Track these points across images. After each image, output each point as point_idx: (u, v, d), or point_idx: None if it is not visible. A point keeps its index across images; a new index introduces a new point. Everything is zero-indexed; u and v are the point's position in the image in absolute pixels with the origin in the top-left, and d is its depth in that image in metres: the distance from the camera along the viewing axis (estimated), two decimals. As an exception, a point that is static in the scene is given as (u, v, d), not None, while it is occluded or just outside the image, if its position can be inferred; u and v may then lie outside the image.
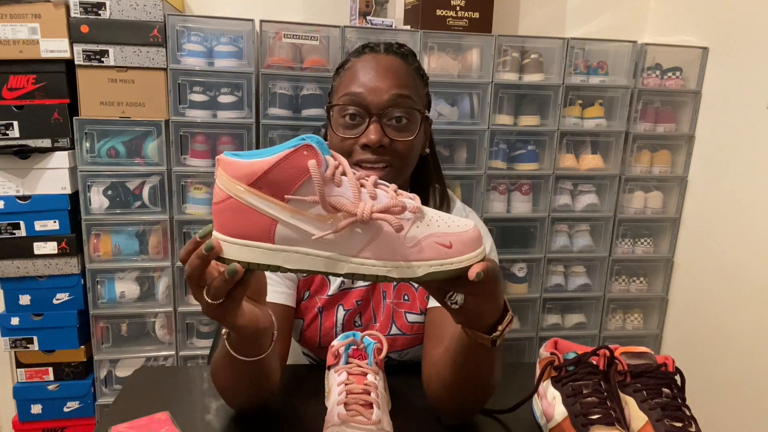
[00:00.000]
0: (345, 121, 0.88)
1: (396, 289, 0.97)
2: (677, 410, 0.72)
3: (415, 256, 0.54)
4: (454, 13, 1.75)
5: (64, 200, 1.63)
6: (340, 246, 0.54)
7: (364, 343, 0.80)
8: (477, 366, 0.71)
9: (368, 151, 0.86)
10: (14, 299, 1.67)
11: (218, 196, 0.54)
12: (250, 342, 0.67)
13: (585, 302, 2.02)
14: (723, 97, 1.81)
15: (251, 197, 0.53)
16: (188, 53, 1.62)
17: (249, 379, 0.74)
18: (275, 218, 0.53)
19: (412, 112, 0.88)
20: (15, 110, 1.58)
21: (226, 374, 0.75)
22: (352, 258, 0.54)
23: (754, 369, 1.64)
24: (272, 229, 0.53)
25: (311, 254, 0.54)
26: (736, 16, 1.74)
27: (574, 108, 1.85)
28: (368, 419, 0.68)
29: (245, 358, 0.68)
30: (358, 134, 0.87)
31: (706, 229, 1.86)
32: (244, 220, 0.53)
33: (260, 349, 0.68)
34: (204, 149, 1.69)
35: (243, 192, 0.53)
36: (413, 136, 0.88)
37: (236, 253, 0.54)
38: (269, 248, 0.54)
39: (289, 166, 0.52)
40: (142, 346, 1.79)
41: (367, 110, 0.86)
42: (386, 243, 0.54)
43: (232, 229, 0.54)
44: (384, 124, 0.86)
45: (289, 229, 0.53)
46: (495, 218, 1.88)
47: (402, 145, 0.87)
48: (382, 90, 0.86)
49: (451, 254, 0.54)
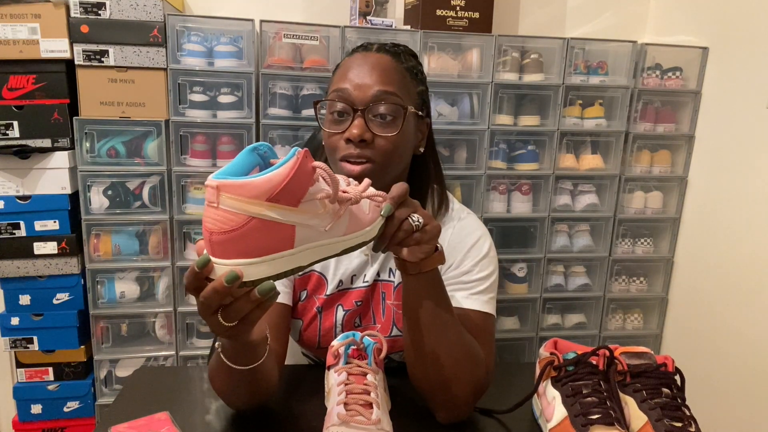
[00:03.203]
0: (332, 117, 0.89)
1: (396, 290, 0.97)
2: (677, 410, 0.72)
3: (371, 221, 0.66)
4: (454, 13, 1.75)
5: (64, 200, 1.63)
6: (335, 231, 0.61)
7: (363, 343, 0.80)
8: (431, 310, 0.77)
9: (351, 145, 0.86)
10: (14, 299, 1.67)
11: (233, 222, 0.52)
12: (248, 352, 0.68)
13: (585, 302, 2.02)
14: (723, 97, 1.81)
15: (273, 212, 0.53)
16: (188, 53, 1.62)
17: (245, 385, 0.75)
18: (293, 224, 0.55)
19: (397, 108, 0.87)
20: (15, 110, 1.58)
21: (222, 382, 0.76)
22: (343, 237, 0.62)
23: (754, 369, 1.64)
24: (293, 235, 0.55)
25: (319, 245, 0.59)
26: (736, 16, 1.74)
27: (574, 108, 1.85)
28: (368, 419, 0.68)
29: (242, 367, 0.68)
30: (343, 129, 0.87)
31: (706, 229, 1.86)
32: (269, 235, 0.54)
33: (256, 357, 0.69)
34: (204, 149, 1.69)
35: (265, 208, 0.52)
36: (397, 132, 0.87)
37: (266, 271, 0.54)
38: (291, 254, 0.56)
39: (301, 173, 0.54)
40: (142, 346, 1.79)
41: (352, 106, 0.86)
42: (357, 218, 0.64)
43: (255, 249, 0.53)
44: (368, 120, 0.86)
45: (304, 230, 0.57)
46: (495, 218, 1.88)
47: (385, 141, 0.86)
48: (367, 86, 0.86)
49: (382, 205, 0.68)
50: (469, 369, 0.79)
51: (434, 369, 0.78)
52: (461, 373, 0.78)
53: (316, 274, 0.96)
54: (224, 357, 0.68)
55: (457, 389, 0.79)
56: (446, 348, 0.77)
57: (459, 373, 0.78)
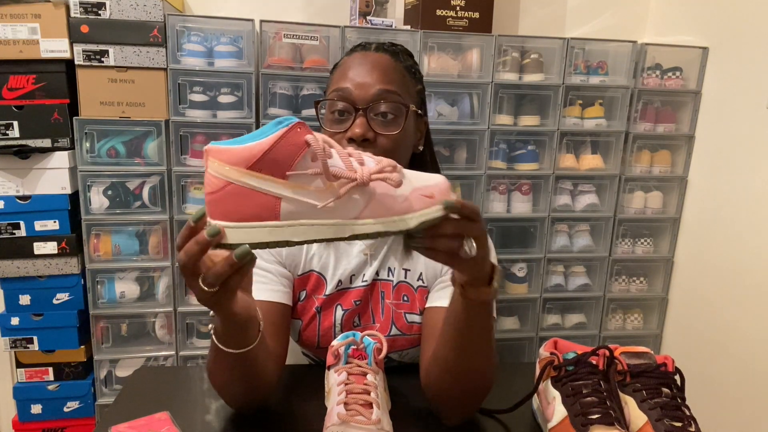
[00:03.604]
0: (333, 117, 0.89)
1: (395, 289, 0.97)
2: (677, 410, 0.72)
3: (407, 210, 0.58)
4: (454, 13, 1.75)
5: (64, 200, 1.63)
6: (341, 212, 0.56)
7: (363, 343, 0.80)
8: (474, 335, 0.73)
9: (353, 145, 0.86)
10: (14, 299, 1.67)
11: (213, 185, 0.54)
12: (239, 331, 0.68)
13: (585, 302, 2.02)
14: (723, 97, 1.81)
15: (252, 180, 0.53)
16: (188, 53, 1.62)
17: (240, 375, 0.75)
18: (279, 196, 0.54)
19: (399, 107, 0.88)
20: (15, 110, 1.58)
21: (218, 372, 0.76)
22: (353, 221, 0.56)
23: (754, 369, 1.64)
24: (277, 207, 0.54)
25: (316, 224, 0.56)
26: (736, 16, 1.74)
27: (574, 108, 1.85)
28: (368, 419, 0.68)
29: (233, 350, 0.68)
30: (345, 129, 0.87)
31: (706, 229, 1.86)
32: (247, 202, 0.54)
33: (247, 340, 0.69)
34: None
35: (243, 175, 0.53)
36: (399, 130, 0.88)
37: (244, 236, 0.54)
38: (276, 225, 0.54)
39: (287, 143, 0.54)
40: (142, 346, 1.79)
41: (354, 105, 0.87)
42: (381, 203, 0.57)
43: (235, 214, 0.54)
44: (370, 119, 0.87)
45: (292, 204, 0.54)
46: (495, 218, 1.88)
47: (387, 140, 0.87)
48: (368, 85, 0.87)
49: (434, 203, 0.59)
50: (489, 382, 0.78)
51: (458, 385, 0.77)
52: (482, 388, 0.78)
53: (315, 274, 0.96)
54: (215, 338, 0.68)
55: (475, 402, 0.80)
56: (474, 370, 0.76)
57: (480, 388, 0.78)
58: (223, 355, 0.69)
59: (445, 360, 0.76)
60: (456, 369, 0.75)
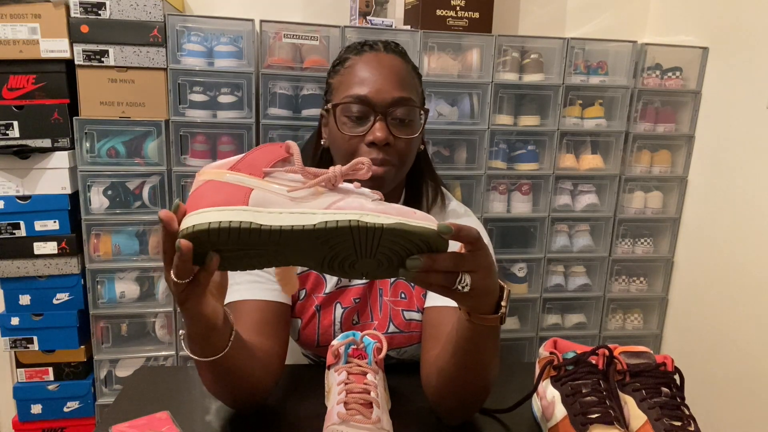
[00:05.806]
0: (349, 120, 0.89)
1: (393, 287, 0.97)
2: (676, 409, 0.72)
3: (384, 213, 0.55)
4: (454, 13, 1.75)
5: (64, 200, 1.63)
6: (311, 204, 0.57)
7: (363, 342, 0.80)
8: (480, 354, 0.71)
9: (374, 149, 0.87)
10: (14, 299, 1.67)
11: (195, 187, 0.59)
12: (205, 337, 0.66)
13: (585, 302, 2.02)
14: (723, 97, 1.81)
15: (229, 176, 0.58)
16: (188, 53, 1.62)
17: (221, 380, 0.74)
18: (252, 186, 0.57)
19: (415, 111, 0.91)
20: (15, 110, 1.58)
21: (201, 376, 0.76)
22: (323, 210, 0.56)
23: (753, 369, 1.64)
24: (247, 195, 0.57)
25: (284, 212, 0.56)
26: (736, 16, 1.74)
27: (574, 108, 1.85)
28: (368, 418, 0.68)
29: (200, 357, 0.68)
30: (363, 132, 0.88)
31: (706, 229, 1.86)
32: (221, 192, 0.57)
33: (214, 349, 0.68)
34: (204, 149, 1.69)
35: (222, 175, 0.58)
36: (416, 134, 0.91)
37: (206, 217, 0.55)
38: (243, 209, 0.56)
39: (266, 150, 0.61)
40: (142, 346, 1.79)
41: (373, 109, 0.88)
42: (355, 201, 0.57)
43: (209, 202, 0.56)
44: (389, 123, 0.88)
45: (263, 192, 0.57)
46: (495, 218, 1.88)
47: (405, 143, 0.90)
48: (386, 90, 0.88)
49: (416, 217, 0.55)
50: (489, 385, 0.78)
51: (460, 393, 0.77)
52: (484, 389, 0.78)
53: (314, 272, 0.96)
54: (184, 346, 0.68)
55: (475, 406, 0.81)
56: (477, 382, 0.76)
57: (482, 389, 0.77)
58: (197, 361, 0.69)
59: (448, 373, 0.75)
60: (459, 381, 0.75)
